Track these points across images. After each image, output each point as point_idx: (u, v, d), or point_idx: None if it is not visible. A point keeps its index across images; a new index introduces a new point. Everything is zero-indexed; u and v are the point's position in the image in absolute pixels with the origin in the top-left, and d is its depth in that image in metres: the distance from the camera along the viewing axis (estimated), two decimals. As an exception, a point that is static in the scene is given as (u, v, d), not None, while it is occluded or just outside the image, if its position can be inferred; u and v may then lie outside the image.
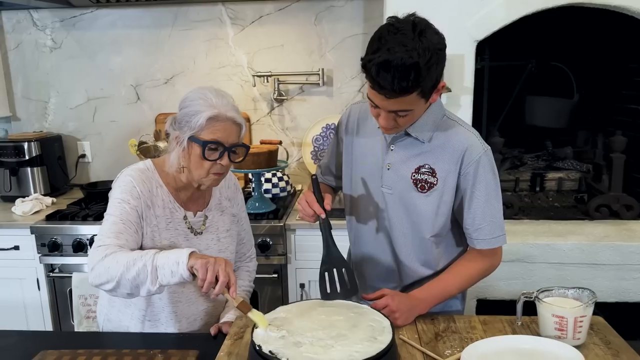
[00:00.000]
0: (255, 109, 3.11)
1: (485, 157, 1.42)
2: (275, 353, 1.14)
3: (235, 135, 1.44)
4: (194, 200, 1.57)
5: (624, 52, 2.65)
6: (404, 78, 1.22)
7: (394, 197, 1.50)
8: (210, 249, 1.58)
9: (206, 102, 1.40)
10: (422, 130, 1.44)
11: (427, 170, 1.45)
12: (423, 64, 1.21)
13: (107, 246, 1.35)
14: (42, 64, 3.19)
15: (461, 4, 2.35)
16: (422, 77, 1.23)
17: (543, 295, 1.29)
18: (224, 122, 1.40)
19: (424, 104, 1.35)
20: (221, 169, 1.45)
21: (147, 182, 1.48)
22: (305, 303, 1.39)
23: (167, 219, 1.50)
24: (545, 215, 2.60)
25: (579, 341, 1.25)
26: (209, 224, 1.59)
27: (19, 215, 2.73)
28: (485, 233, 1.46)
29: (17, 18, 3.13)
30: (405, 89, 1.24)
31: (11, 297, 2.69)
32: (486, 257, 1.51)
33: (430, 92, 1.32)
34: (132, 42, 3.10)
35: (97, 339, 1.62)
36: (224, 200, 1.65)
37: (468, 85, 2.43)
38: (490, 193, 1.44)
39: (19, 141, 2.97)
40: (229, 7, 3.00)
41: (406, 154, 1.47)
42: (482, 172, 1.42)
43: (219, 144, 1.41)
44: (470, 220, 1.46)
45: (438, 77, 1.31)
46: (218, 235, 1.60)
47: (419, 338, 1.35)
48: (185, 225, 1.53)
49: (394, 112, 1.32)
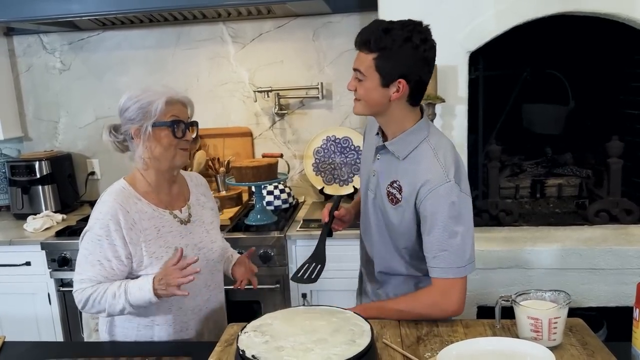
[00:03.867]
0: (257, 124, 3.18)
1: (444, 188, 1.40)
2: (258, 357, 1.18)
3: (186, 112, 1.60)
4: (174, 198, 1.68)
5: (618, 57, 2.67)
6: (371, 33, 1.38)
7: (373, 200, 1.60)
8: (203, 241, 1.69)
9: (154, 92, 1.55)
10: (399, 147, 1.50)
11: (397, 186, 1.51)
12: (392, 35, 1.35)
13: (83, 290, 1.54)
14: (52, 86, 3.31)
15: (452, 16, 2.40)
16: (384, 43, 1.36)
17: (520, 298, 1.32)
18: (177, 102, 1.56)
19: (379, 84, 1.40)
20: (186, 144, 1.59)
21: (126, 201, 1.56)
22: (290, 310, 1.44)
23: (156, 227, 1.59)
24: (545, 222, 2.61)
25: (555, 342, 1.27)
26: (195, 217, 1.70)
27: (31, 232, 2.82)
28: (438, 262, 1.44)
29: (27, 42, 3.27)
30: (364, 42, 1.39)
31: (24, 312, 2.78)
32: (436, 294, 1.46)
33: (388, 78, 1.38)
34: (137, 62, 3.20)
35: (97, 348, 1.69)
36: (201, 197, 1.77)
37: (462, 95, 2.47)
38: (444, 224, 1.41)
39: (31, 160, 3.08)
40: (230, 25, 3.09)
41: (386, 166, 1.55)
42: (440, 203, 1.41)
43: (180, 121, 1.56)
44: (428, 247, 1.46)
45: (400, 67, 1.38)
46: (206, 228, 1.72)
47: (401, 342, 1.38)
48: (177, 223, 1.64)
49: (355, 70, 1.44)
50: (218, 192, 3.01)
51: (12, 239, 2.74)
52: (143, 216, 1.57)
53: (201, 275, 1.60)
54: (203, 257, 1.65)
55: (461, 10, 2.38)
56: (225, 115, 3.19)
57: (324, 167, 3.10)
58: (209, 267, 1.70)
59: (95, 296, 1.51)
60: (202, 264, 1.61)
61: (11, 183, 3.11)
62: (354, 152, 3.04)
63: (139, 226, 1.55)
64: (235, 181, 2.69)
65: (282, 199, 2.95)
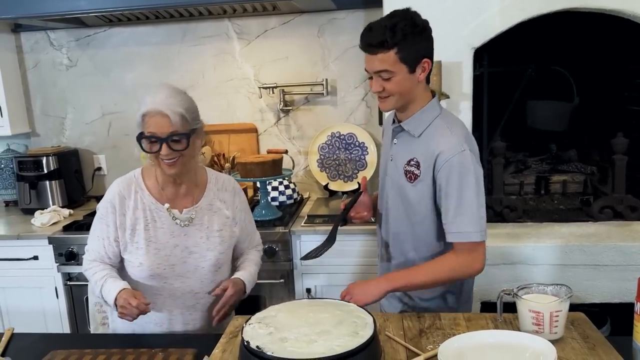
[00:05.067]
0: (262, 120, 3.20)
1: (458, 158, 1.51)
2: (262, 348, 1.20)
3: (168, 125, 1.51)
4: (180, 197, 1.68)
5: (623, 54, 2.67)
6: (382, 33, 1.45)
7: (392, 184, 1.69)
8: (198, 245, 1.67)
9: (143, 100, 1.54)
10: (414, 126, 1.60)
11: (415, 163, 1.59)
12: (400, 26, 1.44)
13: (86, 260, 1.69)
14: (59, 82, 3.33)
15: (457, 13, 2.40)
16: (399, 35, 1.44)
17: (522, 292, 1.33)
18: (154, 116, 1.51)
19: (407, 72, 1.50)
20: (166, 157, 1.54)
21: (127, 189, 1.65)
22: (294, 302, 1.46)
23: (148, 220, 1.63)
24: (549, 218, 2.61)
25: (556, 335, 1.28)
26: (198, 222, 1.67)
27: (38, 227, 2.85)
28: (456, 227, 1.53)
29: (35, 39, 3.29)
30: (382, 43, 1.46)
31: (31, 305, 2.81)
32: (459, 256, 1.55)
33: (413, 62, 1.49)
34: (143, 59, 3.22)
35: (103, 340, 1.71)
36: (217, 202, 1.72)
37: (466, 91, 2.47)
38: (461, 190, 1.51)
39: (38, 156, 3.11)
40: (235, 22, 3.10)
41: (403, 147, 1.65)
42: (453, 171, 1.51)
43: (155, 137, 1.52)
44: (447, 215, 1.55)
45: (420, 48, 1.50)
46: (208, 234, 1.68)
47: (404, 334, 1.40)
48: (171, 221, 1.64)
49: (379, 74, 1.50)
50: (223, 187, 3.03)
51: (20, 234, 2.77)
52: (139, 206, 1.63)
53: (188, 280, 1.66)
54: (192, 262, 1.66)
55: (466, 7, 2.38)
56: (230, 112, 3.21)
57: (329, 163, 3.11)
58: (197, 274, 1.68)
59: (89, 273, 1.66)
60: (189, 269, 1.66)
61: (19, 178, 3.14)
62: (358, 148, 3.05)
63: (130, 214, 1.63)
64: (240, 177, 2.71)
65: (287, 195, 2.97)
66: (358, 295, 1.52)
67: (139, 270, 1.63)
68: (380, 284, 1.56)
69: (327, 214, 2.79)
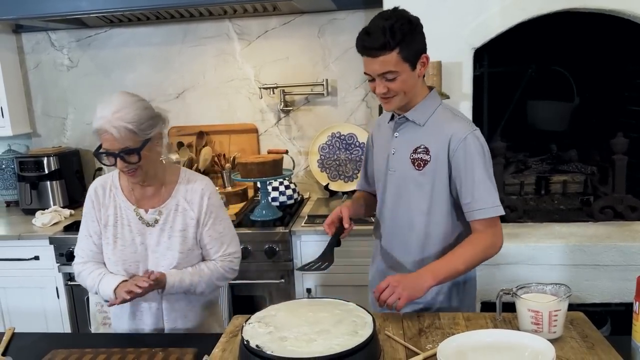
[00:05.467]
0: (263, 120, 3.20)
1: (471, 136, 1.56)
2: (262, 347, 1.21)
3: (119, 142, 1.54)
4: (147, 198, 1.73)
5: (623, 54, 2.67)
6: (382, 35, 1.47)
7: (395, 176, 1.68)
8: (160, 244, 1.71)
9: (97, 113, 1.56)
10: (418, 115, 1.63)
11: (422, 149, 1.62)
12: (398, 26, 1.47)
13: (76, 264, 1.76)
14: (60, 83, 3.34)
15: (457, 13, 2.40)
16: (399, 36, 1.47)
17: (521, 291, 1.34)
18: (105, 133, 1.55)
19: (409, 70, 1.53)
20: (125, 169, 1.61)
21: (103, 187, 1.74)
22: (294, 302, 1.46)
23: (117, 217, 1.72)
24: (550, 218, 2.61)
25: (555, 334, 1.28)
26: (163, 221, 1.72)
27: (39, 227, 2.86)
28: (482, 203, 1.56)
29: (36, 39, 3.30)
30: (384, 45, 1.47)
31: (32, 305, 2.82)
32: (485, 234, 1.57)
33: (414, 59, 1.52)
34: (144, 59, 3.23)
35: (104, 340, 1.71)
36: (183, 202, 1.73)
37: (467, 91, 2.48)
38: (479, 168, 1.55)
39: (39, 156, 3.12)
40: (236, 23, 3.11)
41: (406, 138, 1.66)
42: (469, 150, 1.55)
43: (108, 152, 1.57)
44: (468, 193, 1.56)
45: (418, 45, 1.54)
46: (170, 234, 1.71)
47: (403, 333, 1.40)
48: (137, 220, 1.71)
49: (383, 76, 1.52)
50: (224, 187, 3.03)
51: (21, 234, 2.78)
52: (111, 203, 1.73)
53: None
54: (154, 261, 1.71)
55: (466, 7, 2.39)
56: (230, 112, 3.22)
57: (329, 164, 3.11)
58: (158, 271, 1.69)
59: (84, 274, 1.73)
60: (152, 268, 1.70)
61: (20, 179, 3.14)
62: (358, 148, 3.06)
63: (104, 210, 1.72)
64: (241, 177, 2.72)
65: (287, 195, 2.97)
66: (408, 291, 1.44)
67: (110, 264, 1.72)
68: (426, 279, 1.48)
69: (327, 214, 2.75)
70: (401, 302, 1.43)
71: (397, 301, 1.42)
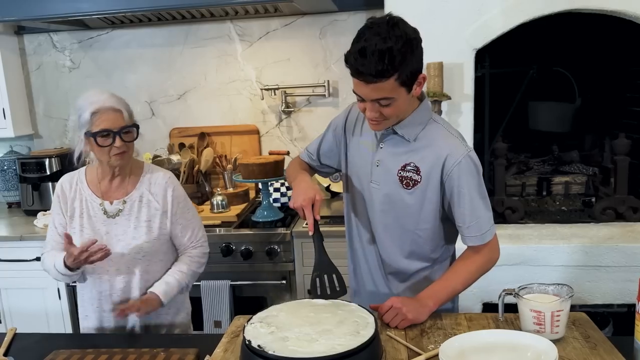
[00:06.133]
0: (264, 121, 3.21)
1: (466, 159, 1.48)
2: (263, 347, 1.20)
3: (120, 119, 1.68)
4: (113, 190, 1.81)
5: (625, 55, 2.67)
6: (379, 61, 1.31)
7: (381, 192, 1.58)
8: (126, 234, 1.78)
9: (87, 100, 1.68)
10: (408, 130, 1.52)
11: (412, 168, 1.52)
12: (397, 48, 1.31)
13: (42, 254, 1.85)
14: (62, 84, 3.35)
15: (459, 14, 2.40)
16: (397, 61, 1.32)
17: (524, 291, 1.33)
18: (106, 112, 1.66)
19: (406, 94, 1.41)
20: (118, 150, 1.69)
21: (69, 181, 1.83)
22: (296, 302, 1.46)
23: (83, 209, 1.79)
24: (551, 220, 2.61)
25: (558, 335, 1.28)
26: (127, 212, 1.79)
27: (41, 228, 2.86)
28: (474, 230, 1.52)
29: (38, 41, 3.31)
30: (381, 72, 1.33)
31: (34, 306, 2.82)
32: (480, 254, 1.55)
33: (411, 82, 1.40)
34: (145, 61, 3.24)
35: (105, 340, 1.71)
36: (147, 194, 1.81)
37: (468, 92, 2.47)
38: (474, 192, 1.49)
39: (41, 157, 3.12)
40: (237, 24, 3.11)
41: (394, 151, 1.55)
42: (465, 174, 1.48)
43: (108, 131, 1.66)
44: (460, 219, 1.52)
45: (415, 66, 1.39)
46: (135, 224, 1.79)
47: (405, 334, 1.40)
48: (101, 211, 1.78)
49: (376, 101, 1.39)
50: (225, 189, 3.04)
51: (23, 235, 2.78)
52: (77, 196, 1.80)
53: (114, 264, 1.77)
54: (119, 250, 1.77)
55: (467, 8, 2.38)
56: (232, 113, 3.22)
57: (331, 165, 3.11)
58: (124, 259, 1.78)
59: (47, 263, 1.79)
60: (117, 256, 1.76)
61: (22, 180, 3.15)
62: (360, 149, 3.05)
63: (70, 202, 1.80)
64: (242, 178, 2.72)
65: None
66: (412, 314, 1.44)
67: None
68: (428, 304, 1.48)
69: (328, 215, 2.79)
70: (404, 323, 1.44)
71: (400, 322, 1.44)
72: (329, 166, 1.83)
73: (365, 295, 1.73)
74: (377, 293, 1.69)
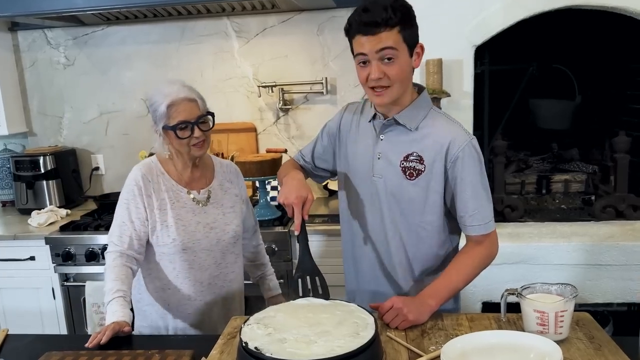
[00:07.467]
0: (261, 119, 3.18)
1: (469, 146, 1.48)
2: (261, 349, 1.18)
3: (196, 109, 1.67)
4: (195, 180, 1.80)
5: (625, 52, 2.65)
6: (384, 11, 1.37)
7: (383, 184, 1.56)
8: (217, 221, 1.78)
9: (161, 93, 1.65)
10: (410, 119, 1.52)
11: (415, 157, 1.51)
12: (399, 5, 1.39)
13: (110, 253, 1.68)
14: (57, 81, 3.31)
15: (458, 10, 2.38)
16: (401, 14, 1.38)
17: (526, 291, 1.31)
18: (181, 103, 1.64)
19: (407, 56, 1.43)
20: (197, 140, 1.68)
21: (149, 172, 1.74)
22: (294, 303, 1.43)
23: (172, 200, 1.74)
24: (551, 218, 2.59)
25: (562, 336, 1.26)
26: (213, 200, 1.80)
27: (35, 227, 2.83)
28: (478, 219, 1.50)
29: (32, 37, 3.27)
30: (386, 20, 1.37)
31: (28, 306, 2.79)
32: (482, 246, 1.53)
33: (412, 45, 1.43)
34: (141, 57, 3.20)
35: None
36: (226, 182, 1.86)
37: (467, 89, 2.45)
38: (477, 180, 1.49)
39: (35, 155, 3.09)
40: (234, 20, 3.08)
41: (395, 142, 1.54)
42: (468, 160, 1.47)
43: (186, 122, 1.64)
44: (463, 208, 1.50)
45: (415, 32, 1.45)
46: (223, 211, 1.81)
47: (405, 335, 1.37)
48: (192, 202, 1.76)
49: (381, 53, 1.39)
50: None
51: (17, 234, 2.75)
52: (162, 187, 1.74)
53: (211, 253, 1.77)
54: (214, 236, 1.77)
55: (467, 4, 2.36)
56: (229, 111, 3.19)
57: (328, 163, 3.08)
58: (220, 247, 1.79)
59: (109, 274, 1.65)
60: (212, 243, 1.77)
61: (16, 178, 3.12)
62: (358, 147, 3.03)
63: (156, 195, 1.72)
64: (240, 176, 2.69)
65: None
66: (413, 315, 1.42)
67: (173, 246, 1.72)
68: (429, 304, 1.46)
69: (326, 213, 2.77)
70: (405, 324, 1.41)
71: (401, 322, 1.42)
72: (324, 169, 1.80)
73: (366, 294, 1.69)
74: (379, 292, 1.66)
